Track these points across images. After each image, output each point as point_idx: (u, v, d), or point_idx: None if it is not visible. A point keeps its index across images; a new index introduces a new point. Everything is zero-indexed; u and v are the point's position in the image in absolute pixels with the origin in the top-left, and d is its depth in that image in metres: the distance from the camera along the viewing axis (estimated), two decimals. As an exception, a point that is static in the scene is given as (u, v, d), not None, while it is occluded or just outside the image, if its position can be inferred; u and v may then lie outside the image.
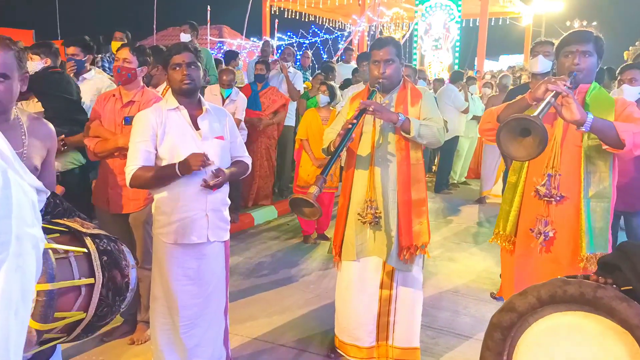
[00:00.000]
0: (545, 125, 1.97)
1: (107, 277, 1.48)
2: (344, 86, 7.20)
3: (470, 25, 16.47)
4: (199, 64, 2.66)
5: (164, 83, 4.09)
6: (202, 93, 4.05)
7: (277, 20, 15.35)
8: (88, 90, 4.14)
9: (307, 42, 15.53)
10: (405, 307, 3.04)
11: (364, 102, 2.77)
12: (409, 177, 2.90)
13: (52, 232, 1.51)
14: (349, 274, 3.06)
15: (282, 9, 16.16)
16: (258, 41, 14.35)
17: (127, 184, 2.61)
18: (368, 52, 3.19)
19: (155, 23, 10.95)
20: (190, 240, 2.62)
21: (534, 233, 2.48)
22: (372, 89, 2.93)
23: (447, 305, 4.11)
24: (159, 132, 2.59)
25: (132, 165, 2.57)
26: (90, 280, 1.46)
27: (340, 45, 14.50)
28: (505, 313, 1.53)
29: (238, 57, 8.06)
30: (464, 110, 8.14)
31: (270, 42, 9.12)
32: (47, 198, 1.63)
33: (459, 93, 8.12)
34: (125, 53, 3.26)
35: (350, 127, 2.69)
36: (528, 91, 2.33)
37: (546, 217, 2.45)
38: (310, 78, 8.29)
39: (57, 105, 3.59)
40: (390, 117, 2.79)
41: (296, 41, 15.35)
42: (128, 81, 3.25)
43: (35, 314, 1.29)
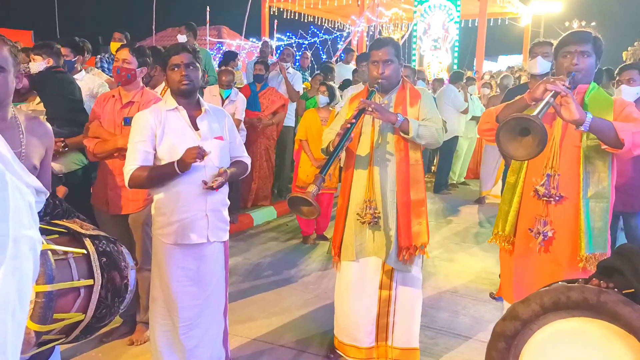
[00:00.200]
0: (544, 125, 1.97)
1: (106, 279, 1.48)
2: (344, 86, 7.20)
3: (469, 25, 16.45)
4: (197, 64, 2.65)
5: (162, 84, 4.08)
6: (201, 94, 4.05)
7: (276, 21, 15.35)
8: None
9: (306, 42, 15.52)
10: (404, 308, 3.04)
11: (363, 102, 2.78)
12: (408, 177, 2.90)
13: (51, 233, 1.52)
14: (348, 274, 3.06)
15: (281, 9, 16.15)
16: (257, 42, 14.34)
17: (126, 184, 2.61)
18: (367, 53, 3.19)
19: (154, 24, 10.94)
20: (190, 240, 2.62)
21: (533, 233, 2.48)
22: (371, 90, 2.93)
23: (446, 306, 4.11)
24: (158, 132, 2.59)
25: (130, 165, 2.57)
26: (90, 281, 1.46)
27: (339, 46, 14.50)
28: (508, 321, 1.52)
29: (237, 58, 8.04)
30: (464, 111, 8.14)
31: (269, 42, 9.11)
32: (47, 199, 1.63)
33: (459, 93, 8.12)
34: (124, 54, 3.26)
35: (349, 127, 2.69)
36: (527, 91, 2.34)
37: (545, 217, 2.45)
38: (309, 78, 8.29)
39: (58, 106, 3.59)
40: (389, 117, 2.79)
41: (295, 42, 15.33)
42: (128, 82, 3.25)
43: (34, 315, 1.29)
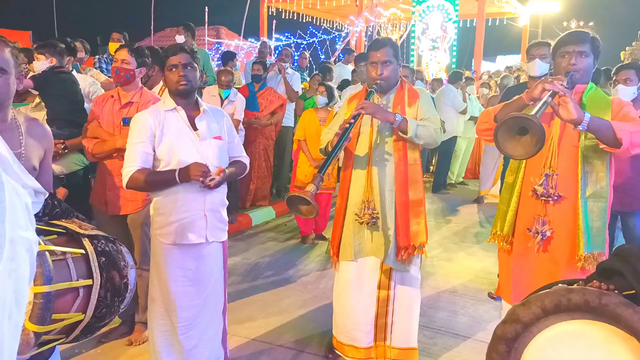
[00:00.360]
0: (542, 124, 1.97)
1: (105, 278, 1.48)
2: (342, 86, 7.21)
3: (467, 25, 16.45)
4: (195, 64, 2.65)
5: (159, 84, 4.08)
6: (199, 94, 4.04)
7: (274, 21, 15.32)
8: None
9: (305, 42, 15.51)
10: (403, 308, 3.04)
11: (362, 104, 2.78)
12: (407, 177, 2.91)
13: (50, 233, 1.51)
14: (346, 274, 3.06)
15: (280, 9, 16.13)
16: (256, 42, 14.32)
17: (124, 185, 2.60)
18: (366, 53, 3.19)
19: (152, 24, 10.92)
20: (189, 240, 2.62)
21: (531, 233, 2.48)
22: (369, 90, 2.94)
23: (445, 305, 4.11)
24: (156, 133, 2.58)
25: (129, 166, 2.56)
26: (88, 281, 1.46)
27: (337, 46, 14.49)
28: (509, 324, 1.51)
29: (235, 58, 8.04)
30: (463, 111, 8.15)
31: (268, 42, 9.10)
32: (45, 200, 1.63)
33: (458, 94, 8.13)
34: (123, 54, 3.25)
35: (348, 127, 2.70)
36: (525, 91, 2.34)
37: (544, 216, 2.45)
38: (307, 79, 8.29)
39: (60, 107, 3.59)
40: (388, 117, 2.80)
41: (294, 42, 15.31)
42: (126, 82, 3.25)
43: (33, 316, 1.29)
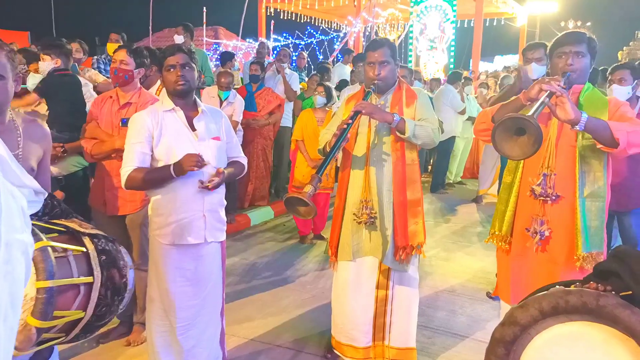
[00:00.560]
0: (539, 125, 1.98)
1: (105, 276, 1.49)
2: (340, 87, 7.22)
3: (465, 25, 16.49)
4: (193, 65, 2.66)
5: (156, 84, 4.08)
6: (198, 95, 4.05)
7: (272, 22, 15.31)
8: None
9: (303, 43, 15.51)
10: (401, 307, 3.05)
11: (359, 104, 2.79)
12: (405, 177, 2.91)
13: (51, 231, 1.52)
14: (345, 274, 3.07)
15: (278, 10, 16.15)
16: (254, 42, 14.32)
17: (123, 185, 2.61)
18: (363, 54, 3.20)
19: (151, 24, 10.89)
20: (188, 241, 2.62)
21: (529, 232, 2.49)
22: (367, 90, 2.94)
23: (444, 305, 4.12)
24: (155, 133, 2.59)
25: (127, 166, 2.57)
26: (89, 279, 1.46)
27: (335, 46, 14.49)
28: (507, 327, 1.52)
29: (234, 58, 8.05)
30: (461, 111, 8.16)
31: (266, 43, 9.10)
32: (45, 199, 1.64)
33: (457, 94, 8.14)
34: (122, 55, 3.26)
35: (346, 127, 2.71)
36: (522, 91, 2.35)
37: (542, 216, 2.46)
38: (305, 79, 8.30)
39: (60, 110, 3.59)
40: (385, 117, 2.80)
41: (292, 42, 15.31)
42: (125, 83, 3.25)
43: (35, 311, 1.30)
